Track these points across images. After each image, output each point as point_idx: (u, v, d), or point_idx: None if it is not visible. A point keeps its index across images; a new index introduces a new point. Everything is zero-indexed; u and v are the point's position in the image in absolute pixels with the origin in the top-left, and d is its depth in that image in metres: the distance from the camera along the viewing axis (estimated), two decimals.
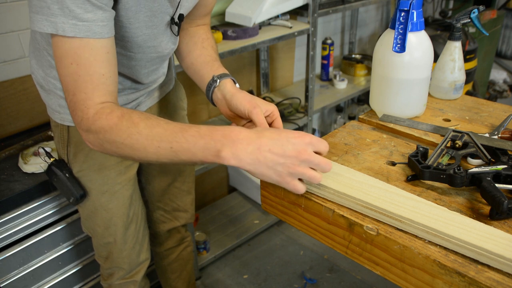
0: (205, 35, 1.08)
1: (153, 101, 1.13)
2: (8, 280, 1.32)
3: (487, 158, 0.80)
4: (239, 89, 0.93)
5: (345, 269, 1.99)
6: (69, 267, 1.47)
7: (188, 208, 1.40)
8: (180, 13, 0.94)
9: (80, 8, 0.70)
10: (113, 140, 0.74)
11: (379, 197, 0.71)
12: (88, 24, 0.71)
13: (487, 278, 0.58)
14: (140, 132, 0.71)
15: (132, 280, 1.26)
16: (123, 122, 0.73)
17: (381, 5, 3.07)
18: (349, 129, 1.02)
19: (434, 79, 1.13)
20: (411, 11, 0.91)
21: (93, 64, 0.74)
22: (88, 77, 0.74)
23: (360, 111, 2.92)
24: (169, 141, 0.70)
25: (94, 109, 0.75)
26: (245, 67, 2.31)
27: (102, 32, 0.74)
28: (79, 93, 0.75)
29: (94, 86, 0.74)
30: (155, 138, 0.71)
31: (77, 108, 0.76)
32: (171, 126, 0.72)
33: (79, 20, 0.71)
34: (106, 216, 1.13)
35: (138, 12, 0.84)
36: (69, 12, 0.70)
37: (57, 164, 1.07)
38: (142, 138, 0.71)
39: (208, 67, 0.99)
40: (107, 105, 0.76)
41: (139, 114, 0.74)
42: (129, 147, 0.73)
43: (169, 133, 0.71)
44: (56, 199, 1.36)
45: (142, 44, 0.92)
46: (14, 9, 1.50)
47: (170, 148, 0.71)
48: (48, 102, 1.04)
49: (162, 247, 1.45)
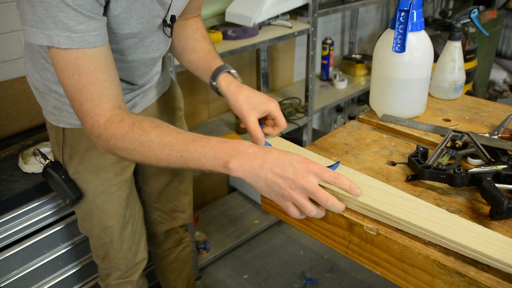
0: (195, 26, 1.09)
1: (148, 101, 1.13)
2: (8, 280, 1.32)
3: (487, 158, 0.80)
4: (235, 85, 0.94)
5: (345, 269, 1.99)
6: (69, 267, 1.47)
7: (186, 209, 1.40)
8: (172, 15, 0.94)
9: (73, 20, 0.71)
10: (124, 147, 0.76)
11: (378, 199, 0.71)
12: (82, 35, 0.73)
13: (487, 278, 0.58)
14: (152, 140, 0.74)
15: (129, 280, 1.26)
16: (134, 130, 0.75)
17: (381, 5, 3.07)
18: (349, 129, 1.02)
19: (434, 79, 1.13)
20: (411, 11, 0.91)
21: (94, 72, 0.75)
22: (92, 86, 0.76)
23: (360, 111, 2.92)
24: (180, 150, 0.73)
25: (104, 117, 0.77)
26: (245, 67, 2.31)
27: (95, 41, 0.75)
28: (86, 102, 0.76)
29: (99, 93, 0.76)
30: (166, 146, 0.73)
31: (86, 116, 0.78)
32: (182, 135, 0.74)
33: (73, 32, 0.72)
34: (102, 217, 1.13)
35: (129, 18, 0.84)
36: (62, 25, 0.71)
37: (53, 166, 1.07)
38: (153, 146, 0.74)
39: (204, 64, 1.00)
40: (117, 113, 0.78)
41: (150, 122, 0.76)
42: (140, 153, 0.75)
43: (180, 142, 0.73)
44: (56, 199, 1.36)
45: (134, 47, 0.92)
46: (14, 9, 1.50)
47: (180, 157, 0.73)
48: (43, 104, 1.04)
49: (160, 247, 1.45)
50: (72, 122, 1.02)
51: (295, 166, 0.68)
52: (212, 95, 2.14)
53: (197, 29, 1.08)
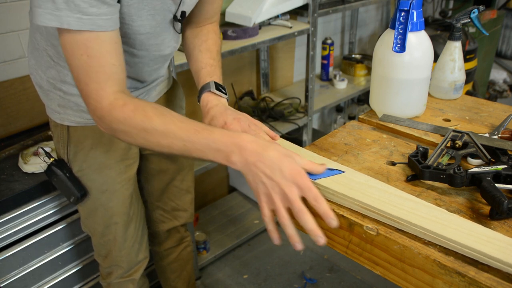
0: (205, 36, 1.08)
1: (151, 100, 1.13)
2: (8, 280, 1.32)
3: (487, 158, 0.80)
4: (208, 106, 0.97)
5: (345, 269, 1.99)
6: (69, 267, 1.47)
7: (188, 208, 1.40)
8: (183, 10, 0.95)
9: (85, 2, 0.71)
10: (127, 131, 0.78)
11: (378, 198, 0.71)
12: (93, 18, 0.73)
13: (487, 278, 0.58)
14: (155, 127, 0.75)
15: (130, 278, 1.27)
16: (137, 115, 0.76)
17: (381, 5, 3.07)
18: (349, 129, 1.02)
19: (434, 79, 1.13)
20: (411, 11, 0.91)
21: (104, 55, 0.76)
22: (100, 68, 0.76)
23: (360, 111, 2.92)
24: (183, 139, 0.75)
25: (107, 100, 0.78)
26: (245, 67, 2.31)
27: (106, 26, 0.75)
28: (92, 83, 0.77)
29: (106, 76, 0.77)
30: (169, 135, 0.75)
31: (90, 97, 0.79)
32: (185, 125, 0.76)
33: (84, 14, 0.72)
34: (106, 215, 1.14)
35: (141, 10, 0.85)
36: (75, 7, 0.71)
37: (57, 164, 1.07)
38: (156, 133, 0.76)
39: (197, 79, 1.03)
40: (120, 96, 0.78)
41: (152, 108, 0.77)
42: (142, 138, 0.77)
43: (182, 132, 0.75)
44: (56, 199, 1.36)
45: (145, 42, 0.93)
46: (14, 9, 1.50)
47: (183, 145, 0.75)
48: (47, 103, 1.04)
49: (161, 247, 1.45)
50: (77, 120, 1.03)
51: (284, 174, 0.70)
52: None
53: (205, 40, 1.07)
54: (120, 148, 1.09)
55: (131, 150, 1.13)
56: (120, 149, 1.09)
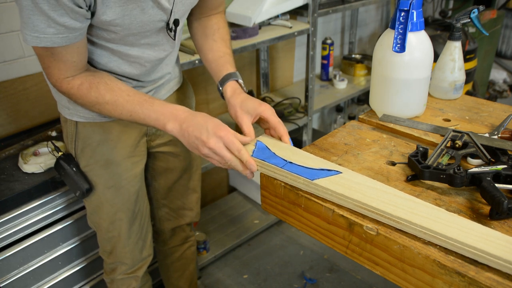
0: (217, 25, 1.10)
1: (161, 97, 1.14)
2: (8, 280, 1.32)
3: (487, 158, 0.80)
4: (236, 94, 0.98)
5: (345, 269, 1.99)
6: (69, 267, 1.47)
7: (193, 207, 1.40)
8: (175, 18, 0.96)
9: (43, 23, 0.78)
10: (83, 104, 0.92)
11: (377, 199, 0.71)
12: (50, 37, 0.80)
13: (487, 278, 0.58)
14: (107, 101, 0.90)
15: (134, 275, 1.27)
16: (91, 93, 0.89)
17: (381, 5, 3.07)
18: (349, 129, 1.02)
19: (434, 79, 1.13)
20: (411, 11, 0.91)
21: (65, 56, 0.86)
22: (62, 63, 0.87)
23: (360, 111, 2.92)
24: (129, 110, 0.90)
25: (66, 81, 0.89)
26: (245, 67, 2.31)
27: (62, 42, 0.82)
28: (53, 69, 0.88)
29: (67, 67, 0.88)
30: (118, 107, 0.90)
31: (51, 76, 0.89)
32: (131, 98, 0.90)
33: (41, 33, 0.80)
34: (111, 211, 1.15)
35: (129, 24, 0.88)
36: (33, 27, 0.79)
37: (65, 158, 1.10)
38: (108, 106, 0.90)
39: (216, 67, 1.06)
40: (77, 77, 0.89)
41: (105, 85, 0.90)
42: (97, 109, 0.92)
43: (129, 104, 0.90)
44: (56, 199, 1.36)
45: (136, 43, 0.95)
46: (14, 9, 1.50)
47: (130, 115, 0.91)
48: (58, 99, 1.07)
49: (166, 245, 1.46)
50: (86, 116, 1.05)
51: (208, 131, 0.83)
52: (212, 95, 2.14)
53: (217, 29, 1.10)
54: (127, 145, 1.10)
55: (138, 147, 1.14)
56: (128, 146, 1.10)
